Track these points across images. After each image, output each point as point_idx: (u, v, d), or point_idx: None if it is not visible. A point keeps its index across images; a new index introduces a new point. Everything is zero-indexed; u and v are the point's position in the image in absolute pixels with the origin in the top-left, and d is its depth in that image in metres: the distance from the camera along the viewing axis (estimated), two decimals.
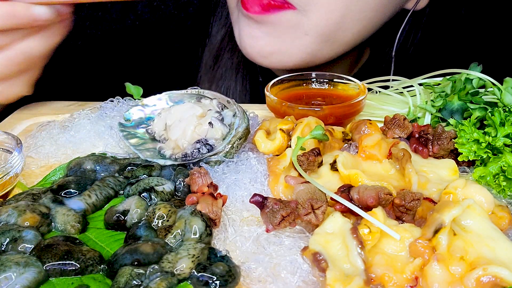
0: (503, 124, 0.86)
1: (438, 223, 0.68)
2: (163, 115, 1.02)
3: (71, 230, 0.77)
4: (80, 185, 0.86)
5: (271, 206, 0.76)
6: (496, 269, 0.63)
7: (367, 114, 1.12)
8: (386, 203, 0.74)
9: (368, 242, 0.69)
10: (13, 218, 0.76)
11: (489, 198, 0.78)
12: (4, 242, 0.72)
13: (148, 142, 1.00)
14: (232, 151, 0.94)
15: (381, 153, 0.88)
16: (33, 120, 1.19)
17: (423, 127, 0.96)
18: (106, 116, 1.10)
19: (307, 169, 0.85)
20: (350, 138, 0.97)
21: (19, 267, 0.66)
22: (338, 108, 1.03)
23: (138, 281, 0.66)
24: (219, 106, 1.02)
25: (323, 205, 0.75)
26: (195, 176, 0.84)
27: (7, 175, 0.85)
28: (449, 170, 0.87)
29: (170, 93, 1.09)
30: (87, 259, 0.69)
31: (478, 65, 1.07)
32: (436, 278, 0.65)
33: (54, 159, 1.01)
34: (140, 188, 0.83)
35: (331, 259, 0.67)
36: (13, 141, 0.92)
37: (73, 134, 1.05)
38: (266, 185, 0.88)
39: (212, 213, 0.77)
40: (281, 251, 0.73)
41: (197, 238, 0.73)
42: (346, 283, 0.64)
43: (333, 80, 1.15)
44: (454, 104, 1.02)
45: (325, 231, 0.72)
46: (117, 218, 0.78)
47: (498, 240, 0.69)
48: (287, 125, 0.95)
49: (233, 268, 0.68)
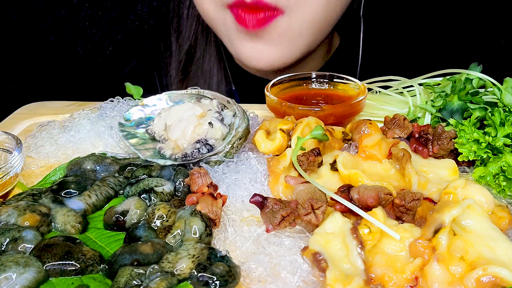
0: (503, 124, 0.86)
1: (438, 223, 0.68)
2: (163, 115, 1.02)
3: (71, 230, 0.77)
4: (80, 185, 0.86)
5: (271, 206, 0.76)
6: (496, 269, 0.63)
7: (367, 114, 1.12)
8: (386, 203, 0.74)
9: (368, 242, 0.69)
10: (13, 218, 0.76)
11: (489, 198, 0.78)
12: (4, 242, 0.72)
13: (148, 142, 1.00)
14: (232, 151, 0.94)
15: (381, 153, 0.88)
16: (33, 120, 1.19)
17: (423, 127, 0.96)
18: (106, 116, 1.10)
19: (307, 169, 0.85)
20: (350, 138, 0.97)
21: (19, 267, 0.66)
22: (338, 108, 1.03)
23: (138, 281, 0.66)
24: (219, 106, 1.02)
25: (323, 205, 0.75)
26: (195, 176, 0.84)
27: (7, 175, 0.85)
28: (449, 170, 0.87)
29: (170, 93, 1.09)
30: (87, 259, 0.69)
31: (478, 65, 1.07)
32: (436, 278, 0.65)
33: (54, 159, 1.01)
34: (139, 189, 0.83)
35: (331, 259, 0.67)
36: (13, 141, 0.92)
37: (73, 134, 1.05)
38: (266, 185, 0.88)
39: (212, 213, 0.77)
40: (281, 251, 0.73)
41: (197, 238, 0.73)
42: (346, 283, 0.64)
43: (333, 80, 1.15)
44: (454, 104, 1.02)
45: (325, 231, 0.72)
46: (116, 219, 0.78)
47: (498, 240, 0.69)
48: (287, 125, 0.95)
49: (233, 268, 0.68)
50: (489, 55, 1.67)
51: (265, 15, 1.21)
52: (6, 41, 2.15)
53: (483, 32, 1.69)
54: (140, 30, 2.10)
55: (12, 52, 2.17)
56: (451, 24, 1.67)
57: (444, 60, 1.36)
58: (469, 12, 1.69)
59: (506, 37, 1.72)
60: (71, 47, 2.13)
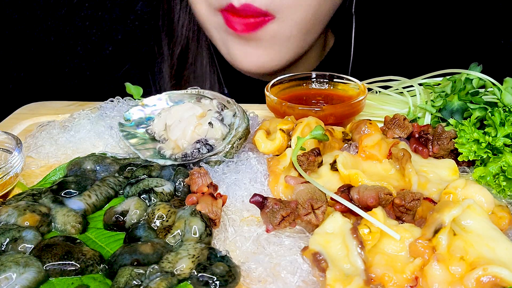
0: (503, 124, 0.86)
1: (438, 223, 0.68)
2: (163, 115, 1.02)
3: (72, 230, 0.77)
4: (80, 185, 0.86)
5: (271, 206, 0.76)
6: (496, 269, 0.63)
7: (367, 114, 1.12)
8: (386, 203, 0.74)
9: (368, 242, 0.69)
10: (13, 218, 0.76)
11: (489, 198, 0.78)
12: (4, 242, 0.72)
13: (148, 142, 1.00)
14: (232, 151, 0.94)
15: (381, 153, 0.88)
16: (33, 120, 1.19)
17: (423, 127, 0.96)
18: (106, 116, 1.10)
19: (307, 169, 0.85)
20: (350, 138, 0.97)
21: (19, 267, 0.66)
22: (338, 108, 1.03)
23: (138, 281, 0.65)
24: (219, 106, 1.02)
25: (323, 205, 0.75)
26: (195, 176, 0.84)
27: (7, 175, 0.85)
28: (449, 170, 0.87)
29: (170, 93, 1.09)
30: (87, 259, 0.69)
31: (478, 65, 1.07)
32: (436, 278, 0.65)
33: (54, 159, 1.01)
34: (139, 189, 0.83)
35: (331, 259, 0.67)
36: (13, 141, 0.92)
37: (73, 134, 1.05)
38: (266, 185, 0.88)
39: (212, 213, 0.77)
40: (281, 251, 0.73)
41: (197, 238, 0.73)
42: (346, 283, 0.64)
43: (333, 80, 1.15)
44: (454, 104, 1.02)
45: (325, 231, 0.72)
46: (116, 219, 0.78)
47: (498, 240, 0.69)
48: (287, 125, 0.95)
49: (233, 268, 0.68)
50: (489, 55, 1.67)
51: (255, 21, 1.23)
52: (6, 41, 2.15)
53: (483, 32, 1.69)
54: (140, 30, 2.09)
55: (12, 52, 2.17)
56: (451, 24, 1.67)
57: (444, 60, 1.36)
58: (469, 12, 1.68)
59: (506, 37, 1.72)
60: (71, 47, 2.13)
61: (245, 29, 1.24)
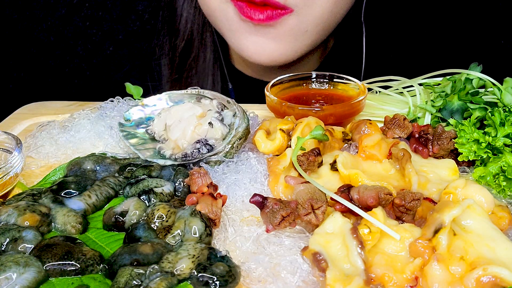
0: (503, 124, 0.86)
1: (438, 223, 0.68)
2: (163, 115, 1.02)
3: (72, 230, 0.77)
4: (80, 185, 0.86)
5: (271, 206, 0.76)
6: (496, 269, 0.63)
7: (367, 114, 1.12)
8: (386, 203, 0.74)
9: (368, 242, 0.69)
10: (13, 218, 0.76)
11: (489, 198, 0.78)
12: (4, 242, 0.72)
13: (148, 142, 1.00)
14: (232, 151, 0.94)
15: (381, 153, 0.88)
16: (33, 120, 1.19)
17: (423, 127, 0.96)
18: (106, 116, 1.10)
19: (307, 169, 0.85)
20: (350, 138, 0.97)
21: (19, 267, 0.66)
22: (338, 108, 1.03)
23: (138, 281, 0.66)
24: (219, 106, 1.02)
25: (323, 205, 0.75)
26: (195, 176, 0.84)
27: (7, 175, 0.85)
28: (449, 170, 0.87)
29: (170, 93, 1.09)
30: (87, 259, 0.69)
31: (478, 65, 1.07)
32: (436, 278, 0.65)
33: (54, 159, 1.01)
34: (139, 190, 0.83)
35: (331, 259, 0.67)
36: (13, 141, 0.92)
37: (73, 134, 1.05)
38: (266, 185, 0.88)
39: (212, 213, 0.77)
40: (281, 251, 0.73)
41: (197, 238, 0.73)
42: (346, 283, 0.64)
43: (333, 80, 1.15)
44: (454, 104, 1.02)
45: (325, 231, 0.72)
46: (115, 220, 0.78)
47: (498, 240, 0.69)
48: (287, 125, 0.95)
49: (233, 268, 0.68)
50: (489, 55, 1.67)
51: (272, 13, 1.20)
52: (6, 41, 2.15)
53: (483, 32, 1.69)
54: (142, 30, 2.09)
55: (12, 52, 2.17)
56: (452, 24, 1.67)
57: (444, 60, 1.36)
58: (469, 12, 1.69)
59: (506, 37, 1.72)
60: (71, 47, 2.13)
61: (263, 18, 1.21)
